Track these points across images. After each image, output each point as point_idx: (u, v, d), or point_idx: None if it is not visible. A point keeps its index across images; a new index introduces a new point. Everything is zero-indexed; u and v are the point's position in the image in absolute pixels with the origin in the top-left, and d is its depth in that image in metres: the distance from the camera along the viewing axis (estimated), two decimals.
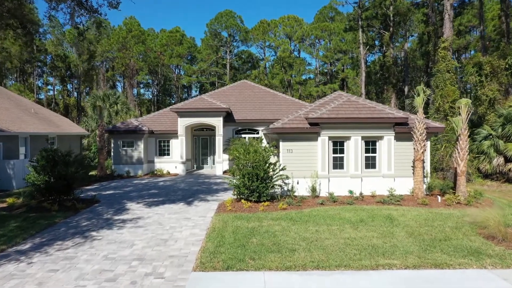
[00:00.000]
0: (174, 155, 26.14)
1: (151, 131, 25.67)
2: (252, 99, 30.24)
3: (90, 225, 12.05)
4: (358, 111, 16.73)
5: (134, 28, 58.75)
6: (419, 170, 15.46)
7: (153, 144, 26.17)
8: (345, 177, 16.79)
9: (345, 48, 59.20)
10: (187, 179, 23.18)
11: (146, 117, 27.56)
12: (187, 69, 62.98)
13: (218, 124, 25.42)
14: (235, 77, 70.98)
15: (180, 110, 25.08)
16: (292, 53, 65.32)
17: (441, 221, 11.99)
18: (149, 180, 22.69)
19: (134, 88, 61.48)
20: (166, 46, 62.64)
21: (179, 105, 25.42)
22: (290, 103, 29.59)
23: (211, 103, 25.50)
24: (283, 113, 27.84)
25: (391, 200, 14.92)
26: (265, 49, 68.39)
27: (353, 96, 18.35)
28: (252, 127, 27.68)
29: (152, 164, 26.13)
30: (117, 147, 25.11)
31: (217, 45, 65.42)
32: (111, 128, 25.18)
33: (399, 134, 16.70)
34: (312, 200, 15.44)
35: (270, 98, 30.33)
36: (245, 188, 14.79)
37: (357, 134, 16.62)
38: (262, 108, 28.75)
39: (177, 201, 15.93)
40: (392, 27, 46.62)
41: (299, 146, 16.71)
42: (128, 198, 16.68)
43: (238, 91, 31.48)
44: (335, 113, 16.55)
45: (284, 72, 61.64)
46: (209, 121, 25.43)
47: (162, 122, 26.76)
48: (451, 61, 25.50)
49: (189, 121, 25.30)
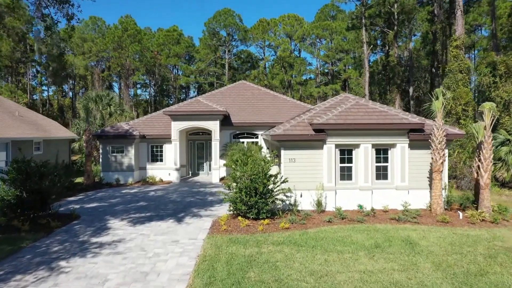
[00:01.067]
0: (167, 161, 24.45)
1: (143, 135, 23.98)
2: (251, 101, 28.55)
3: (61, 250, 10.36)
4: (368, 116, 15.05)
5: (130, 27, 57.06)
6: (437, 183, 13.77)
7: (145, 149, 24.48)
8: (354, 190, 15.10)
9: (347, 47, 57.53)
10: (181, 187, 21.49)
11: (138, 121, 25.87)
12: (184, 69, 61.29)
13: (214, 128, 23.74)
14: (234, 77, 69.32)
15: (174, 113, 23.39)
16: (293, 53, 63.65)
17: (470, 247, 10.30)
18: (140, 189, 20.99)
19: (130, 88, 59.79)
20: (163, 46, 60.96)
21: (173, 108, 23.74)
22: (291, 105, 27.90)
23: (207, 105, 23.81)
24: (284, 116, 26.16)
25: (407, 217, 13.23)
26: (264, 48, 66.75)
27: (362, 99, 16.66)
28: (250, 131, 26.00)
29: (144, 171, 24.43)
30: (106, 153, 23.41)
31: (216, 45, 63.74)
32: (100, 132, 23.48)
33: (414, 141, 15.02)
34: (318, 217, 13.75)
35: (270, 100, 28.64)
36: (242, 204, 13.10)
37: (367, 142, 14.94)
38: (262, 111, 27.06)
39: (167, 217, 14.23)
40: (397, 26, 44.94)
41: (303, 155, 15.02)
42: (112, 213, 14.98)
43: (236, 93, 29.80)
44: (342, 118, 14.86)
45: (284, 72, 59.96)
46: (205, 125, 23.75)
47: (154, 126, 25.07)
48: (464, 60, 23.84)
49: (183, 125, 23.62)
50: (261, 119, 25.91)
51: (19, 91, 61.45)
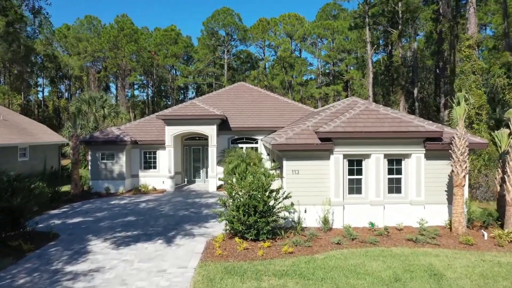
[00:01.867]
0: (161, 168, 22.94)
1: (135, 141, 22.47)
2: (250, 103, 27.05)
3: (27, 284, 8.86)
4: (379, 123, 13.55)
5: (126, 27, 55.56)
6: (459, 199, 12.28)
7: (137, 156, 22.97)
8: (364, 204, 13.61)
9: (349, 47, 56.01)
10: (175, 197, 19.99)
11: (130, 125, 24.36)
12: (182, 70, 59.80)
13: (211, 133, 22.24)
14: (233, 77, 67.84)
15: (168, 118, 21.89)
16: (293, 53, 62.15)
17: (505, 279, 8.81)
18: (130, 200, 19.47)
19: (127, 89, 58.31)
20: (160, 46, 59.46)
21: (167, 112, 22.23)
22: (293, 108, 26.40)
23: (203, 109, 22.32)
24: (285, 119, 24.68)
25: (425, 238, 11.74)
26: (264, 48, 65.25)
27: (372, 104, 15.17)
28: (250, 135, 24.50)
29: (136, 179, 22.93)
30: (95, 160, 21.91)
31: (215, 45, 62.24)
32: (88, 138, 21.96)
33: (431, 151, 13.52)
34: (325, 236, 12.26)
35: (271, 103, 27.14)
36: (239, 223, 11.61)
37: (378, 152, 13.44)
38: (262, 114, 25.56)
39: (156, 236, 12.73)
40: (401, 25, 43.43)
41: (307, 166, 13.53)
42: (96, 230, 13.48)
43: (234, 95, 28.31)
44: (351, 125, 13.37)
45: (284, 73, 58.47)
46: (201, 129, 22.25)
47: (148, 131, 23.56)
48: (477, 61, 22.34)
49: (178, 130, 22.12)
50: (261, 123, 24.43)
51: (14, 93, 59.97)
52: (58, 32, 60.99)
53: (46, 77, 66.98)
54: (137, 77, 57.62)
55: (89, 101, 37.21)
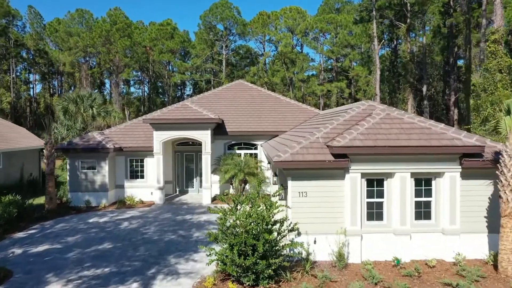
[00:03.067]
0: (149, 178, 20.53)
1: (120, 148, 20.02)
2: (249, 104, 24.59)
3: None
4: (405, 134, 11.12)
5: (119, 21, 52.92)
6: (508, 232, 9.85)
7: (122, 164, 20.53)
8: (386, 233, 11.20)
9: (353, 42, 53.38)
10: (163, 213, 17.58)
11: (115, 129, 21.88)
12: (179, 66, 57.20)
13: (205, 139, 19.79)
14: (232, 74, 65.32)
15: (156, 122, 19.44)
16: (294, 48, 59.50)
17: None
18: (112, 217, 17.05)
19: (122, 86, 55.77)
20: (155, 41, 56.83)
21: (155, 115, 19.75)
22: (296, 109, 23.94)
23: (196, 112, 19.86)
24: (288, 123, 22.25)
25: (468, 283, 9.33)
26: (264, 43, 62.63)
27: (393, 110, 12.71)
28: (249, 140, 22.06)
29: (121, 190, 20.50)
30: (75, 169, 19.47)
31: (212, 40, 59.61)
32: (66, 145, 19.50)
33: (469, 169, 11.09)
34: (341, 279, 9.85)
35: (272, 103, 24.68)
36: (234, 266, 9.20)
37: (404, 170, 11.01)
38: (262, 117, 23.11)
39: (130, 276, 10.32)
40: (410, 18, 40.88)
41: (317, 187, 11.11)
42: (60, 267, 11.05)
43: (232, 94, 25.83)
44: (371, 138, 10.94)
45: (285, 69, 55.87)
46: (193, 135, 19.81)
47: (135, 136, 21.11)
48: (503, 57, 19.85)
49: (167, 136, 19.68)
50: (261, 127, 21.99)
51: (2, 89, 57.46)
52: (49, 26, 58.35)
53: (38, 73, 64.42)
54: (130, 74, 54.99)
55: (77, 100, 34.79)
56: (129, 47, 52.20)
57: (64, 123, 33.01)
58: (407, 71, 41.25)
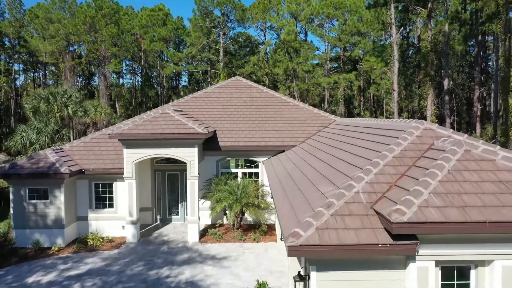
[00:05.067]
0: (120, 207, 16.04)
1: (80, 170, 15.48)
2: (248, 108, 19.97)
3: None
4: (510, 194, 6.57)
5: (105, 6, 47.77)
6: None
7: (85, 190, 16.02)
8: None
9: (364, 29, 48.28)
10: (133, 264, 13.14)
11: (78, 144, 17.21)
12: (171, 56, 52.20)
13: (191, 158, 15.24)
14: (230, 63, 60.38)
15: (126, 138, 14.86)
16: (298, 36, 54.43)
17: None
18: (61, 272, 12.59)
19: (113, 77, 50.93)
20: (146, 28, 51.72)
21: (125, 128, 15.09)
22: (307, 115, 19.33)
23: (179, 124, 15.25)
24: (297, 133, 17.71)
25: None
26: (265, 31, 57.60)
27: (471, 140, 8.10)
28: (247, 156, 17.53)
29: (84, 223, 16.02)
30: (20, 200, 14.94)
31: (209, 27, 54.47)
32: (7, 169, 14.89)
33: None
34: None
35: (276, 107, 20.07)
36: None
37: (507, 255, 6.50)
38: (264, 125, 18.52)
39: None
40: (431, 2, 35.80)
41: (359, 281, 6.59)
42: None
43: (227, 95, 21.19)
44: (456, 203, 6.41)
45: (288, 59, 50.90)
46: (176, 153, 15.25)
47: (102, 153, 16.53)
48: None
49: (142, 155, 15.13)
50: (263, 140, 17.41)
51: None
52: (29, 12, 53.21)
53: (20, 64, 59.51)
54: (118, 65, 50.08)
55: (49, 98, 30.16)
56: (116, 35, 47.15)
57: (33, 125, 28.50)
58: (428, 63, 36.37)
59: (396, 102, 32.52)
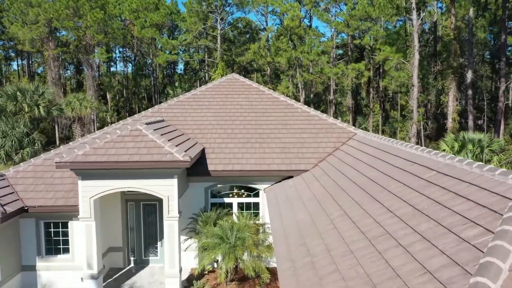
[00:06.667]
0: (78, 253, 12.30)
1: (23, 208, 11.66)
2: (246, 116, 16.04)
3: None
4: None
5: None
6: None
7: (31, 231, 12.24)
8: None
9: (375, 14, 43.74)
10: None
11: (24, 169, 13.23)
12: (164, 44, 47.86)
13: (168, 193, 11.40)
14: (229, 51, 56.16)
15: (80, 167, 10.99)
16: (303, 22, 49.98)
17: None
18: None
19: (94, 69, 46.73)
20: (136, 13, 47.31)
21: (79, 154, 11.15)
22: (320, 126, 15.40)
23: (152, 146, 11.37)
24: (309, 152, 13.87)
25: None
26: (267, 16, 53.17)
27: None
28: (245, 183, 13.69)
29: (30, 274, 12.30)
30: None
31: (206, 11, 50.03)
32: None
33: None
34: None
35: (281, 114, 16.13)
36: None
37: None
38: (266, 140, 14.61)
39: None
40: None
41: None
42: None
43: (220, 98, 17.24)
44: None
45: (292, 47, 46.60)
46: (148, 187, 11.40)
47: (54, 183, 12.65)
48: None
49: (102, 188, 11.29)
50: (264, 161, 13.54)
51: None
52: None
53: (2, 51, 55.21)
54: (105, 54, 45.82)
55: (17, 96, 26.31)
56: (102, 21, 42.76)
57: None
58: (450, 53, 32.19)
59: (415, 99, 28.46)
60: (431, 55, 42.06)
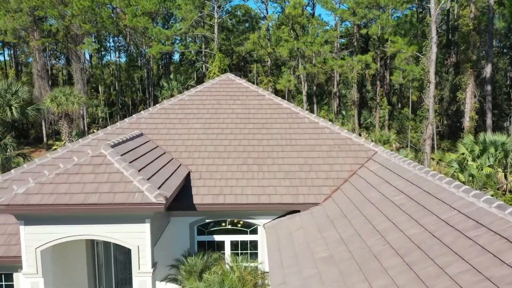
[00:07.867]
0: None
1: None
2: (242, 129, 13.24)
3: None
4: None
5: None
6: None
7: None
8: None
9: (383, 2, 40.54)
10: None
11: None
12: (157, 34, 44.72)
13: (138, 242, 8.72)
14: (227, 40, 53.14)
15: (22, 211, 8.29)
16: (305, 9, 46.81)
17: None
18: None
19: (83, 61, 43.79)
20: (127, 0, 44.12)
21: (18, 193, 8.46)
22: (332, 141, 12.62)
23: (117, 181, 8.64)
24: (319, 175, 11.16)
25: None
26: (267, 3, 49.89)
27: None
28: (240, 217, 10.99)
29: None
30: None
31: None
32: None
33: None
34: None
35: (285, 125, 13.34)
36: None
37: None
38: (267, 161, 11.86)
39: None
40: None
41: None
42: None
43: (212, 104, 14.42)
44: None
45: (294, 37, 43.53)
46: (112, 234, 8.72)
47: None
48: None
49: (52, 236, 8.61)
50: (264, 190, 10.83)
51: None
52: None
53: None
54: (93, 45, 42.83)
55: None
56: (90, 9, 39.65)
57: None
58: (469, 45, 29.21)
59: (432, 97, 25.60)
60: (443, 45, 39.08)
